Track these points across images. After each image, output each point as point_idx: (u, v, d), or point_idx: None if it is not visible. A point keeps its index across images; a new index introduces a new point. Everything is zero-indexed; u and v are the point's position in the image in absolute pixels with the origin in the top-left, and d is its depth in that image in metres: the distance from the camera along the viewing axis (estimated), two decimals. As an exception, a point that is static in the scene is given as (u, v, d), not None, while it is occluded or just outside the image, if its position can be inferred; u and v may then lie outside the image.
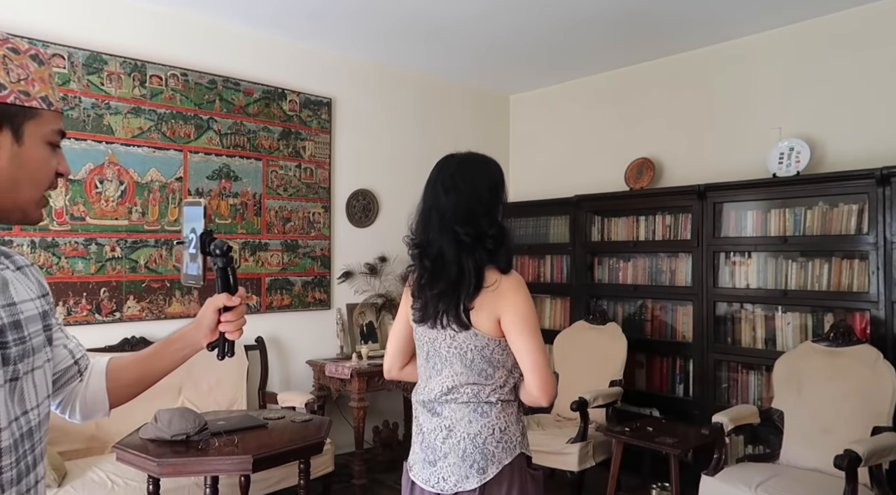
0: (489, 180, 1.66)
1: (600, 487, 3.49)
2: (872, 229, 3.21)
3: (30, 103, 0.89)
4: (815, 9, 3.67)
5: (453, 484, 1.57)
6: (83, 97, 3.40)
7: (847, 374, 2.99)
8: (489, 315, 1.56)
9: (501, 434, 1.58)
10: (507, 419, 1.59)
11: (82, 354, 1.11)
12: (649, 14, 3.76)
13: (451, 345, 1.60)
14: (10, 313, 0.87)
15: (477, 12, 3.75)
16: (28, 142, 0.89)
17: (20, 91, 0.88)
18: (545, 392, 1.54)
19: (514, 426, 1.60)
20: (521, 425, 1.64)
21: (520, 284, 1.60)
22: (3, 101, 0.86)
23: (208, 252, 1.16)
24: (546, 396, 1.55)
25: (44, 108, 0.91)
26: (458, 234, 1.57)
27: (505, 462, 1.56)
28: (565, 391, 3.96)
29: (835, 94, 3.70)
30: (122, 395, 1.14)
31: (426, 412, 1.65)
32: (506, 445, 1.57)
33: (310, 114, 4.33)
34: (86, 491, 2.78)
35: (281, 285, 4.18)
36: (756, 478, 2.80)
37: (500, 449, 1.57)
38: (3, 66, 0.86)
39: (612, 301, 4.45)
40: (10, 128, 0.87)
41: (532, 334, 1.55)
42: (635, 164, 4.47)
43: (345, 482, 3.84)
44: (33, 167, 0.91)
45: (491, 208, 1.63)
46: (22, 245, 3.20)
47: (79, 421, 1.13)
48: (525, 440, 1.63)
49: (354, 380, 3.84)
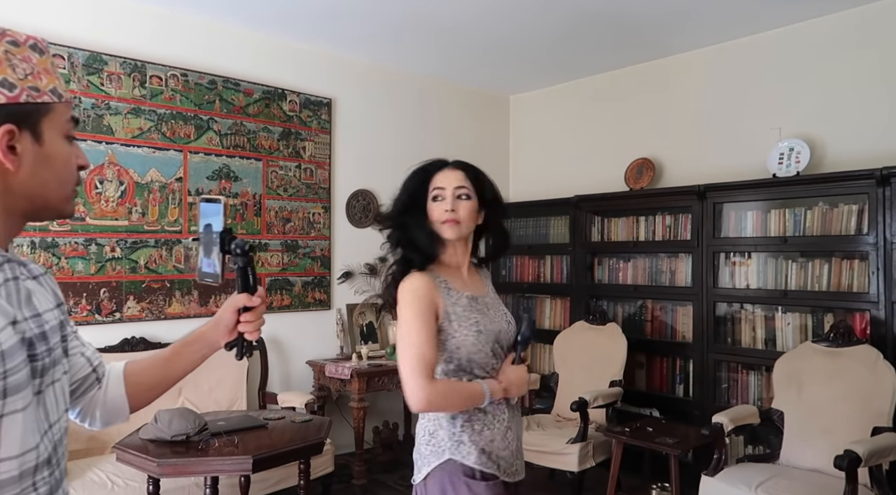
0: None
1: (600, 487, 3.49)
2: (872, 229, 3.21)
3: (41, 99, 0.84)
4: (814, 9, 3.67)
5: (414, 474, 1.67)
6: (83, 97, 3.40)
7: (847, 375, 2.99)
8: None
9: (430, 437, 1.62)
10: (437, 423, 1.61)
11: (100, 361, 1.10)
12: (649, 14, 3.76)
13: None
14: (37, 324, 0.85)
15: (477, 12, 3.75)
16: (48, 140, 0.85)
17: (30, 87, 0.82)
18: (409, 399, 1.54)
19: (444, 430, 1.59)
20: (457, 430, 1.59)
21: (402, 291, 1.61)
22: (16, 100, 0.81)
23: (228, 251, 1.13)
24: (411, 404, 1.54)
25: (55, 100, 0.86)
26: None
27: (433, 464, 1.59)
28: (565, 391, 3.97)
29: (835, 93, 3.70)
30: (141, 399, 1.13)
31: None
32: (434, 449, 1.60)
33: (310, 114, 4.33)
34: (86, 491, 2.78)
35: (281, 285, 4.18)
36: (756, 479, 2.80)
37: (429, 451, 1.61)
38: (7, 63, 0.81)
39: (612, 301, 4.45)
40: (28, 128, 0.83)
41: (401, 341, 1.58)
42: (635, 165, 4.47)
43: (345, 482, 3.84)
44: (58, 165, 0.87)
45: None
46: (22, 245, 3.19)
47: (99, 428, 1.11)
48: (463, 447, 1.57)
49: (354, 381, 3.84)
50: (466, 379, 1.62)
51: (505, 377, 1.64)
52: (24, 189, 0.84)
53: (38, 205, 0.87)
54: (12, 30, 0.84)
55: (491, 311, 1.70)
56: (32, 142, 0.83)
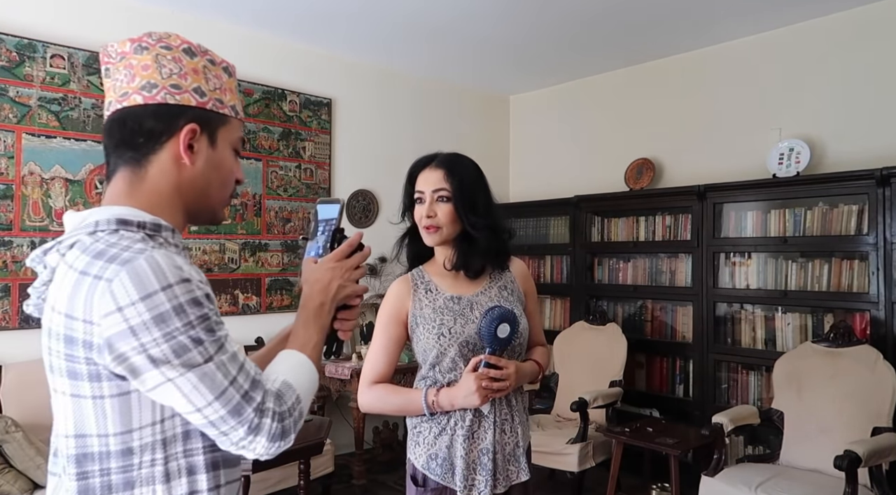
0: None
1: (600, 488, 3.49)
2: (872, 230, 3.21)
3: (223, 110, 0.97)
4: (814, 9, 3.67)
5: None
6: (83, 97, 3.40)
7: (847, 375, 2.99)
8: None
9: (411, 429, 1.65)
10: (413, 420, 1.63)
11: None
12: (650, 14, 3.76)
13: None
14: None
15: (478, 13, 3.75)
16: (220, 147, 0.97)
17: (216, 99, 0.96)
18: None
19: (409, 429, 1.65)
20: (414, 431, 1.61)
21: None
22: (204, 106, 0.94)
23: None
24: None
25: (233, 116, 0.99)
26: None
27: (408, 459, 1.65)
28: (565, 391, 3.97)
29: (835, 94, 3.70)
30: None
31: None
32: (409, 443, 1.65)
33: (310, 114, 4.33)
34: (86, 491, 2.78)
35: (281, 286, 4.18)
36: (756, 479, 2.80)
37: (411, 446, 1.64)
38: (203, 76, 0.95)
39: (612, 301, 4.45)
40: (207, 132, 0.95)
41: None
42: (635, 165, 4.47)
43: (345, 482, 3.84)
44: (224, 170, 0.99)
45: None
46: (22, 245, 3.20)
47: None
48: (417, 448, 1.59)
49: (354, 381, 3.84)
50: (437, 385, 1.56)
51: (449, 388, 1.52)
52: (193, 184, 0.95)
53: (200, 203, 0.98)
54: (213, 51, 1.00)
55: (474, 312, 1.58)
56: (208, 145, 0.96)
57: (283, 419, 0.87)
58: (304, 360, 0.97)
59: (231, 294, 3.96)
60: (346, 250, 1.05)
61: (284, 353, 0.97)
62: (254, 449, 0.86)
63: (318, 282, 1.02)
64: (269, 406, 0.86)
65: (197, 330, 0.81)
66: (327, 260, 1.04)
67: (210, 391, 0.82)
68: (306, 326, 1.00)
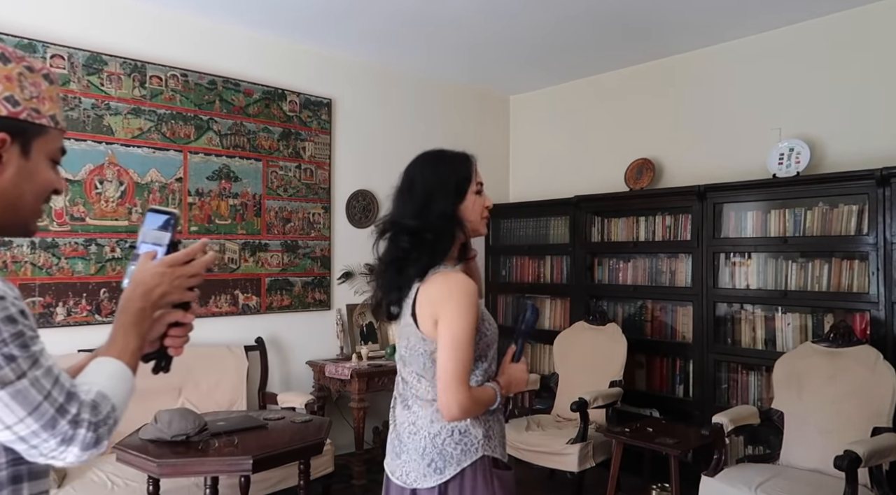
0: None
1: (600, 488, 3.49)
2: (872, 230, 3.21)
3: (40, 120, 0.93)
4: (814, 9, 3.67)
5: (413, 479, 1.55)
6: (83, 98, 3.40)
7: (847, 375, 2.99)
8: (430, 315, 1.52)
9: (461, 436, 1.54)
10: (467, 421, 1.54)
11: None
12: (650, 14, 3.76)
13: (405, 345, 1.61)
14: None
15: (477, 12, 3.75)
16: (34, 157, 0.94)
17: (32, 108, 0.92)
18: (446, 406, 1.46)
19: (476, 428, 1.55)
20: (487, 426, 1.57)
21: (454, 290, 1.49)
22: (17, 116, 0.90)
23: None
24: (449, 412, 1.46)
25: (52, 126, 0.95)
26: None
27: (464, 464, 1.52)
28: (565, 391, 3.97)
29: (835, 94, 3.70)
30: None
31: (400, 404, 1.65)
32: (465, 447, 1.53)
33: (310, 114, 4.33)
34: (86, 491, 2.78)
35: (281, 286, 4.18)
36: (756, 479, 2.80)
37: (458, 450, 1.53)
38: (18, 84, 0.90)
39: (612, 301, 4.45)
40: (19, 142, 0.91)
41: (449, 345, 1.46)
42: (635, 165, 4.47)
43: (345, 482, 3.83)
44: (37, 181, 0.95)
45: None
46: (22, 246, 3.20)
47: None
48: (491, 442, 1.57)
49: (354, 381, 3.84)
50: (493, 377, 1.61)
51: (505, 377, 1.60)
52: (3, 196, 0.92)
53: (10, 216, 0.94)
54: (32, 58, 0.95)
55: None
56: (20, 155, 0.92)
57: (98, 428, 0.86)
58: (121, 368, 0.94)
59: (231, 294, 3.96)
60: (181, 258, 1.02)
61: (101, 360, 0.95)
62: (64, 459, 0.86)
63: (141, 285, 0.98)
64: (85, 417, 0.85)
65: (10, 347, 0.81)
66: (158, 263, 1.00)
67: (22, 407, 0.81)
68: (125, 332, 0.97)
